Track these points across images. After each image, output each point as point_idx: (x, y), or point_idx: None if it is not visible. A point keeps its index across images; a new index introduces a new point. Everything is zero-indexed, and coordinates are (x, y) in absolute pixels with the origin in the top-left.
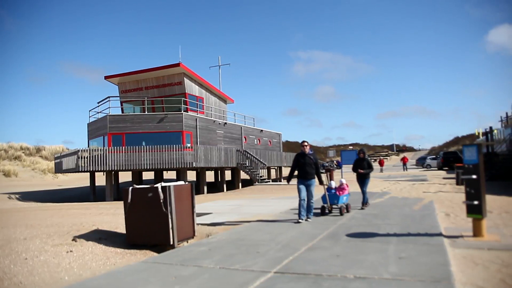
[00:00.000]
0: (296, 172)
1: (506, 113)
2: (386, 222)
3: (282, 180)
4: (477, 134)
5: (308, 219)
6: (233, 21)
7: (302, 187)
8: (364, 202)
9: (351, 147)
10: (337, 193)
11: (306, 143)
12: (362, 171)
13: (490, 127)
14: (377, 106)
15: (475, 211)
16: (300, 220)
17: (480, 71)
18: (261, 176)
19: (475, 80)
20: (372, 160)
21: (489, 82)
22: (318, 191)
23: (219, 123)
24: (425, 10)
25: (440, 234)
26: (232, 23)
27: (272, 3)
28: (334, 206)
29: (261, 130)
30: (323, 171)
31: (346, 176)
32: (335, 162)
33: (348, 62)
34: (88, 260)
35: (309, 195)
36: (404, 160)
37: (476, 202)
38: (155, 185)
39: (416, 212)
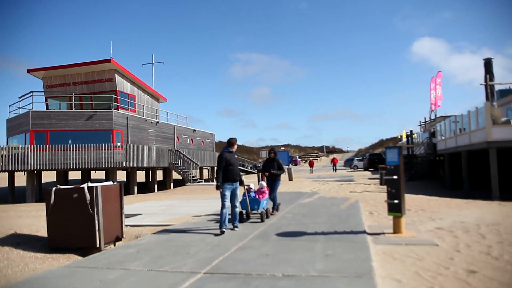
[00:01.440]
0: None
1: (425, 118)
2: (314, 221)
3: (214, 180)
4: (399, 137)
5: (236, 228)
6: (171, 19)
7: (229, 192)
8: (274, 207)
9: (283, 148)
10: (257, 197)
11: (234, 140)
12: (267, 173)
13: (411, 131)
14: (310, 108)
15: (396, 209)
16: (224, 230)
17: (404, 79)
18: (193, 176)
19: (399, 87)
20: (303, 160)
21: (411, 89)
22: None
23: (151, 122)
24: (356, 21)
25: (364, 232)
26: (169, 22)
27: (214, 4)
28: (254, 212)
29: (194, 130)
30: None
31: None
32: None
33: (285, 65)
34: (3, 267)
35: (236, 199)
36: (334, 161)
37: (396, 201)
38: (81, 186)
39: (343, 211)
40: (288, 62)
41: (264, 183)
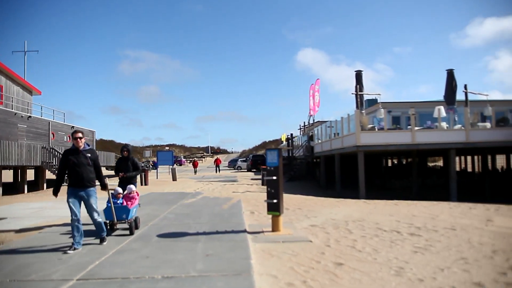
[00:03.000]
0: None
1: (304, 123)
2: (197, 221)
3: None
4: (281, 139)
5: (103, 243)
6: (55, 7)
7: (75, 201)
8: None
9: (167, 148)
10: (126, 203)
11: (80, 134)
12: (122, 175)
13: (291, 134)
14: (198, 109)
15: (274, 208)
16: (76, 248)
17: (289, 85)
18: None
19: (285, 92)
20: (188, 161)
21: (295, 95)
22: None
23: (22, 116)
24: (248, 28)
25: (244, 231)
26: (52, 9)
27: None
28: (122, 222)
29: (73, 127)
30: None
31: (163, 177)
32: (151, 162)
33: (176, 65)
34: None
35: (90, 209)
36: (217, 162)
37: (275, 201)
38: None
39: (225, 211)
40: (179, 62)
41: (133, 187)
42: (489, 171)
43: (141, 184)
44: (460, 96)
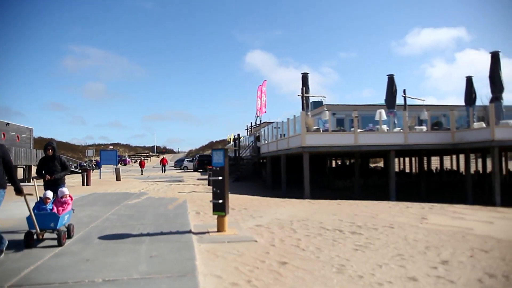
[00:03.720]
0: None
1: (251, 123)
2: (141, 222)
3: (32, 180)
4: (228, 139)
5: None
6: None
7: None
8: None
9: (111, 147)
10: (56, 209)
11: None
12: (50, 177)
13: (238, 134)
14: (145, 108)
15: (220, 209)
16: None
17: (238, 86)
18: None
19: (233, 93)
20: (133, 160)
21: (243, 95)
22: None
23: None
24: (199, 28)
25: (190, 232)
26: None
27: None
28: (49, 231)
29: (7, 123)
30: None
31: (107, 177)
32: (94, 162)
33: (123, 62)
34: None
35: None
36: (163, 162)
37: (220, 201)
38: None
39: (170, 212)
40: (127, 59)
41: (66, 190)
42: (425, 171)
43: (83, 185)
44: (399, 100)
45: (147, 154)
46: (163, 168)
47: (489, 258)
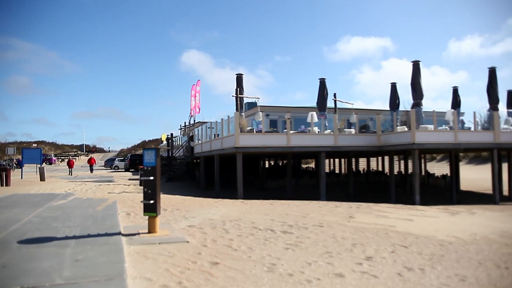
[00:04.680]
0: None
1: (185, 123)
2: (66, 224)
3: None
4: (161, 139)
5: None
6: None
7: None
8: None
9: (35, 145)
10: None
11: None
12: None
13: (171, 134)
14: (75, 105)
15: (151, 209)
16: None
17: (173, 85)
18: None
19: (168, 92)
20: (60, 159)
21: (178, 95)
22: None
23: None
24: (134, 25)
25: (119, 233)
26: None
27: None
28: None
29: None
30: None
31: (30, 177)
32: (15, 161)
33: (52, 57)
34: None
35: None
36: (91, 162)
37: (152, 202)
38: None
39: (99, 213)
40: (56, 54)
41: None
42: (353, 172)
43: (1, 185)
44: (330, 103)
45: (75, 153)
46: (91, 168)
47: (408, 253)
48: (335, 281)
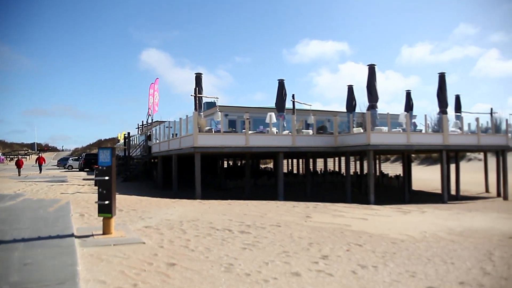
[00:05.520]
0: None
1: (142, 121)
2: (15, 227)
3: None
4: (118, 138)
5: None
6: None
7: None
8: None
9: None
10: None
11: None
12: None
13: (128, 133)
14: (27, 101)
15: (106, 210)
16: None
17: (131, 83)
18: None
19: (127, 90)
20: (8, 158)
21: (136, 93)
22: None
23: None
24: (93, 21)
25: (72, 235)
26: None
27: None
28: None
29: None
30: None
31: None
32: None
33: (4, 51)
34: None
35: None
36: (39, 161)
37: (107, 202)
38: None
39: (51, 214)
40: (9, 48)
41: None
42: (311, 172)
43: None
44: (289, 104)
45: (26, 152)
46: (40, 167)
47: (362, 251)
48: (291, 280)
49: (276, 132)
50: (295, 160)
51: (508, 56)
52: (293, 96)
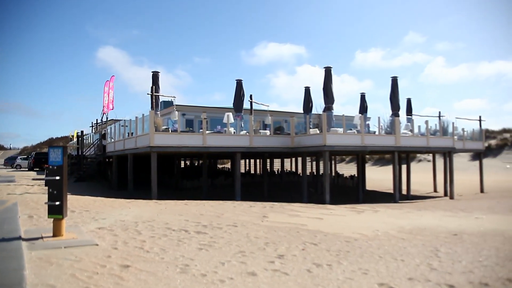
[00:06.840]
0: None
1: (96, 120)
2: None
3: None
4: (71, 136)
5: None
6: None
7: None
8: None
9: None
10: None
11: None
12: None
13: (82, 131)
14: None
15: (57, 211)
16: None
17: (86, 81)
18: None
19: (82, 88)
20: None
21: (91, 91)
22: None
23: None
24: (47, 16)
25: (19, 238)
26: None
27: None
28: None
29: None
30: None
31: None
32: None
33: None
34: None
35: None
36: None
37: (57, 203)
38: None
39: None
40: None
41: None
42: (268, 173)
43: None
44: (246, 105)
45: None
46: None
47: (317, 250)
48: (247, 279)
49: (234, 132)
50: (252, 160)
51: (452, 64)
52: (250, 96)
